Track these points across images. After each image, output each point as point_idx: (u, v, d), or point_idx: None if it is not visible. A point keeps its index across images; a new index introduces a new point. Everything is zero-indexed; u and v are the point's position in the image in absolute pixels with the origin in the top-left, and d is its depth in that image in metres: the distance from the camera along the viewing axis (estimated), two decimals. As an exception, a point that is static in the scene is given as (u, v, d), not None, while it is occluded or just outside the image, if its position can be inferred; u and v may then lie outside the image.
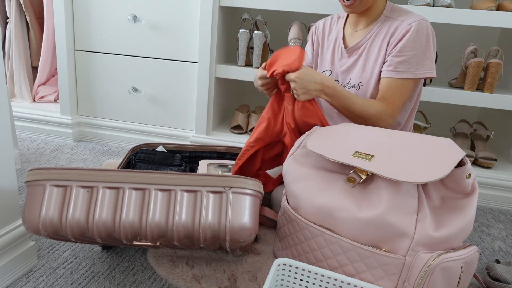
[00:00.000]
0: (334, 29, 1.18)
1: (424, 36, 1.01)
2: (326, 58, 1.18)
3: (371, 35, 1.08)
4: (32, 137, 1.75)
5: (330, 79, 1.00)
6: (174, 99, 1.65)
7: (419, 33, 1.00)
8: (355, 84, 1.10)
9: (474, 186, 0.76)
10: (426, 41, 1.01)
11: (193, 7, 1.51)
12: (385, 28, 1.05)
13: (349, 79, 1.12)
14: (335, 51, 1.16)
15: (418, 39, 1.00)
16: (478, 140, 1.57)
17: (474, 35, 1.73)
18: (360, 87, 1.09)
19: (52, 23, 1.78)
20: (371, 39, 1.08)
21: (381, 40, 1.06)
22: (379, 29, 1.07)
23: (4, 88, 0.75)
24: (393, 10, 1.07)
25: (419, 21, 1.00)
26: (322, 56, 1.20)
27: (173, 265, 0.89)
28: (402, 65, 1.02)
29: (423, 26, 1.00)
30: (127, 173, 0.75)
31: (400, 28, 1.02)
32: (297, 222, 0.85)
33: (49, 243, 0.95)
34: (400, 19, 1.04)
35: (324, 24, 1.21)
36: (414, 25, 1.00)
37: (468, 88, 1.41)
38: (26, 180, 0.74)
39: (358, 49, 1.10)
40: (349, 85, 1.12)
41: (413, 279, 0.71)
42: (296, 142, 0.95)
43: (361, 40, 1.09)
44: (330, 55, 1.17)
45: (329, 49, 1.18)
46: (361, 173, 0.78)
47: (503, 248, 1.13)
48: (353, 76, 1.11)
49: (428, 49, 1.02)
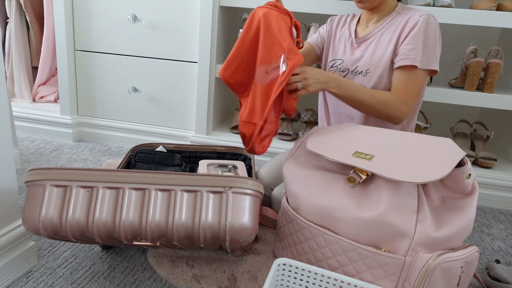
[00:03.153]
0: (347, 23, 1.22)
1: (433, 30, 1.03)
2: (338, 48, 1.21)
3: (382, 27, 1.11)
4: (32, 137, 1.75)
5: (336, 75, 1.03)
6: (174, 99, 1.65)
7: (428, 26, 1.03)
8: (362, 71, 1.11)
9: (474, 186, 0.76)
10: (434, 35, 1.04)
11: (193, 7, 1.51)
12: (397, 21, 1.09)
13: (356, 67, 1.13)
14: (346, 43, 1.19)
15: (427, 31, 1.03)
16: (478, 140, 1.57)
17: (474, 35, 1.73)
18: (367, 73, 1.10)
19: (52, 23, 1.78)
20: (381, 31, 1.11)
21: (392, 32, 1.08)
22: (391, 23, 1.10)
23: (4, 88, 0.75)
24: (404, 8, 1.11)
25: (428, 16, 1.03)
26: (334, 45, 1.23)
27: (173, 265, 0.89)
28: (412, 52, 1.03)
29: (432, 20, 1.03)
30: (127, 173, 0.75)
31: (411, 20, 1.05)
32: (297, 222, 0.85)
33: (49, 243, 0.95)
34: (411, 13, 1.07)
35: (340, 18, 1.25)
36: (423, 18, 1.03)
37: (468, 88, 1.41)
38: (26, 180, 0.74)
39: (368, 39, 1.13)
40: (355, 72, 1.13)
41: (413, 279, 0.71)
42: (296, 142, 0.95)
43: (372, 31, 1.12)
44: (343, 46, 1.19)
45: (341, 40, 1.21)
46: (361, 173, 0.79)
47: (503, 248, 1.13)
48: (361, 64, 1.12)
49: (435, 43, 1.04)
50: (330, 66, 1.21)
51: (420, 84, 1.06)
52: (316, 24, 1.46)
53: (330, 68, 1.21)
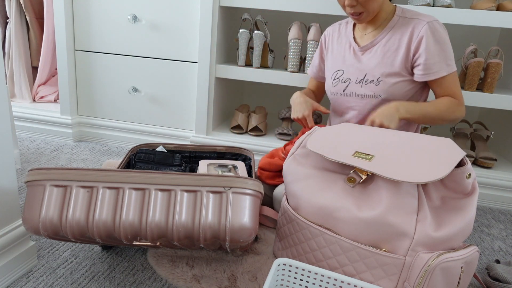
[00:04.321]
0: (343, 33, 1.21)
1: (442, 37, 1.05)
2: (337, 59, 1.20)
3: (385, 33, 1.10)
4: (32, 137, 1.75)
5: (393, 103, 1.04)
6: (174, 99, 1.65)
7: (435, 35, 1.04)
8: (374, 80, 1.11)
9: (474, 186, 0.76)
10: (445, 40, 1.05)
11: (193, 7, 1.51)
12: (402, 27, 1.08)
13: (364, 75, 1.12)
14: (346, 51, 1.18)
15: (437, 41, 1.04)
16: (478, 140, 1.57)
17: (474, 35, 1.73)
18: (380, 82, 1.10)
19: (52, 23, 1.78)
20: (386, 38, 1.10)
21: (398, 39, 1.08)
22: (394, 28, 1.09)
23: (4, 88, 0.75)
24: (405, 11, 1.10)
25: (432, 22, 1.04)
26: (333, 58, 1.22)
27: (173, 265, 0.89)
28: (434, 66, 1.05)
29: (437, 27, 1.04)
30: (127, 173, 0.75)
31: (416, 28, 1.05)
32: (297, 222, 0.85)
33: (49, 243, 0.95)
34: (415, 17, 1.07)
35: (332, 30, 1.24)
36: (428, 29, 1.04)
37: (468, 88, 1.41)
38: (26, 180, 0.74)
39: (373, 47, 1.12)
40: (366, 81, 1.12)
41: (413, 279, 0.71)
42: (296, 142, 0.95)
43: (375, 39, 1.11)
44: (342, 55, 1.19)
45: (339, 51, 1.20)
46: (361, 173, 0.79)
47: (503, 248, 1.13)
48: (369, 73, 1.12)
49: (448, 47, 1.06)
50: (333, 79, 1.20)
51: (459, 82, 1.10)
52: (316, 24, 1.46)
53: (333, 81, 1.20)
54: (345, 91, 1.17)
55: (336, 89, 1.19)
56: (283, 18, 1.85)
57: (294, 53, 1.48)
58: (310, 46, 1.45)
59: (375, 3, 1.03)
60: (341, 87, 1.17)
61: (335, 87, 1.19)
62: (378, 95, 1.11)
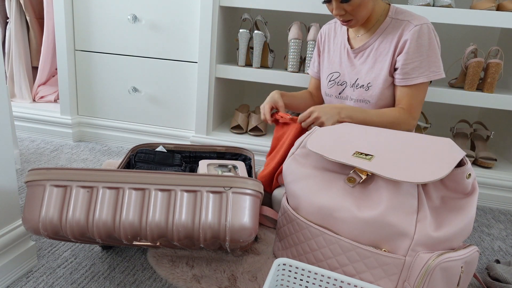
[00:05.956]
0: (338, 32, 1.20)
1: (427, 41, 1.03)
2: (334, 60, 1.20)
3: (377, 36, 1.09)
4: (32, 137, 1.75)
5: (340, 104, 1.07)
6: (174, 99, 1.65)
7: (420, 39, 1.02)
8: (364, 85, 1.11)
9: (474, 186, 0.76)
10: (429, 45, 1.03)
11: (193, 7, 1.51)
12: (393, 30, 1.07)
13: (356, 79, 1.12)
14: (341, 53, 1.17)
15: (421, 45, 1.03)
16: (478, 140, 1.57)
17: (474, 35, 1.72)
18: (369, 87, 1.10)
19: (52, 23, 1.78)
20: (378, 41, 1.09)
21: (389, 42, 1.07)
22: (386, 31, 1.08)
23: (4, 88, 0.75)
24: (398, 12, 1.09)
25: (420, 25, 1.02)
26: (329, 58, 1.21)
27: (173, 265, 0.89)
28: (414, 71, 1.04)
29: (424, 31, 1.02)
30: (127, 173, 0.75)
31: (405, 31, 1.04)
32: (297, 222, 0.85)
33: (49, 243, 0.95)
34: (406, 19, 1.06)
35: (328, 28, 1.24)
36: (417, 30, 1.02)
37: (468, 88, 1.41)
38: (26, 180, 0.74)
39: (365, 50, 1.12)
40: (357, 85, 1.13)
41: (413, 279, 0.71)
42: (296, 142, 0.95)
43: (368, 41, 1.11)
44: (338, 57, 1.18)
45: (336, 51, 1.20)
46: (361, 173, 0.79)
47: (503, 248, 1.13)
48: (360, 77, 1.12)
49: (433, 52, 1.04)
50: (328, 81, 1.20)
51: (423, 95, 1.08)
52: (316, 24, 1.46)
53: (328, 82, 1.20)
54: (341, 94, 1.17)
55: (331, 91, 1.19)
56: (283, 18, 1.85)
57: (294, 53, 1.48)
58: (310, 46, 1.45)
59: (364, 11, 1.02)
60: (336, 89, 1.18)
61: (330, 88, 1.19)
62: (367, 100, 1.11)
